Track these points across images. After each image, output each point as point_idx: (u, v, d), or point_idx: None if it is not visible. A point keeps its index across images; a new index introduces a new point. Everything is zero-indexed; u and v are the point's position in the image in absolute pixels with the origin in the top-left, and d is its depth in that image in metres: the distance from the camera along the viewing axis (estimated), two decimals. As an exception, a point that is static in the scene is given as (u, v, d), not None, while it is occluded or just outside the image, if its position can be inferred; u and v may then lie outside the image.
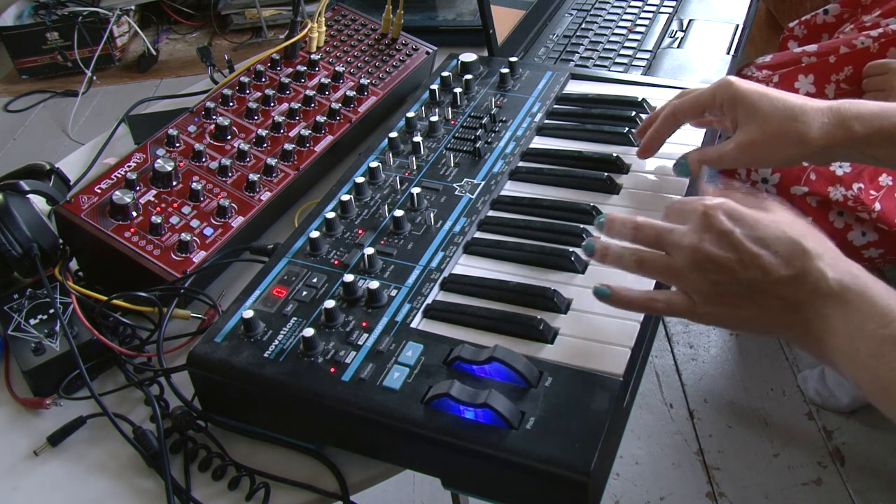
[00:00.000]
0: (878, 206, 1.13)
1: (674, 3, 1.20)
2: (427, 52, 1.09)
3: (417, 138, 0.85)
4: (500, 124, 0.89)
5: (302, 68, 0.99)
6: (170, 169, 0.81)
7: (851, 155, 0.72)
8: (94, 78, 3.00)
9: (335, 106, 0.94)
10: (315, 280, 0.69)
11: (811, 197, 1.16)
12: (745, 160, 0.73)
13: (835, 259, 0.55)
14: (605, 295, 0.61)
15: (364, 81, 0.99)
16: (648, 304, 0.60)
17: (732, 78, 0.73)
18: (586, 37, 1.12)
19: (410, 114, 0.89)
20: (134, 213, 0.78)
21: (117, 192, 0.78)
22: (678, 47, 1.09)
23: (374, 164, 0.81)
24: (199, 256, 0.76)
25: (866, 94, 1.16)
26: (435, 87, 0.94)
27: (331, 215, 0.75)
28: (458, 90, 0.93)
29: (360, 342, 0.63)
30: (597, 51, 1.08)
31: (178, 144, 0.86)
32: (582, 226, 0.74)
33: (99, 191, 0.79)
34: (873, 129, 0.68)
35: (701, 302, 0.58)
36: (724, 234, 0.56)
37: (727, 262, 0.56)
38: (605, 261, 0.62)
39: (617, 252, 0.61)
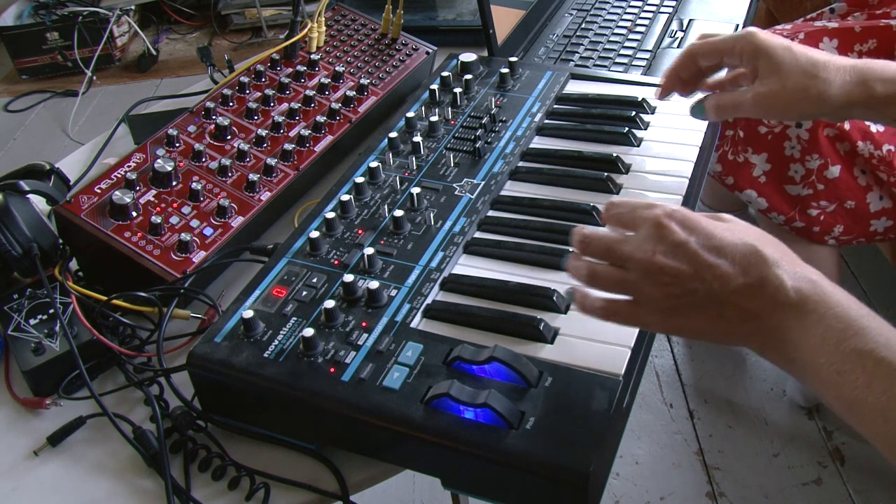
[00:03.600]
0: None
1: (674, 3, 1.20)
2: (427, 52, 1.09)
3: (417, 138, 0.85)
4: (500, 124, 0.89)
5: (302, 68, 0.99)
6: (170, 169, 0.81)
7: (868, 115, 0.72)
8: (94, 78, 3.00)
9: (335, 106, 0.94)
10: (315, 280, 0.69)
11: (841, 144, 1.16)
12: (762, 112, 0.72)
13: (792, 266, 0.53)
14: (570, 298, 0.61)
15: (364, 81, 0.99)
16: (606, 312, 0.58)
17: (755, 29, 0.72)
18: (586, 37, 1.12)
19: (410, 114, 0.89)
20: (134, 213, 0.78)
21: (117, 192, 0.78)
22: (678, 47, 1.09)
23: (374, 164, 0.81)
24: (198, 256, 0.76)
25: None
26: (435, 87, 0.94)
27: (331, 215, 0.75)
28: (458, 90, 0.93)
29: (359, 342, 0.63)
30: (597, 51, 1.08)
31: (178, 144, 0.86)
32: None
33: (99, 191, 0.79)
34: (893, 92, 0.68)
35: (657, 313, 0.56)
36: (678, 244, 0.54)
37: (682, 273, 0.54)
38: (569, 272, 0.60)
39: (573, 265, 0.60)
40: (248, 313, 0.64)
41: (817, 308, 0.52)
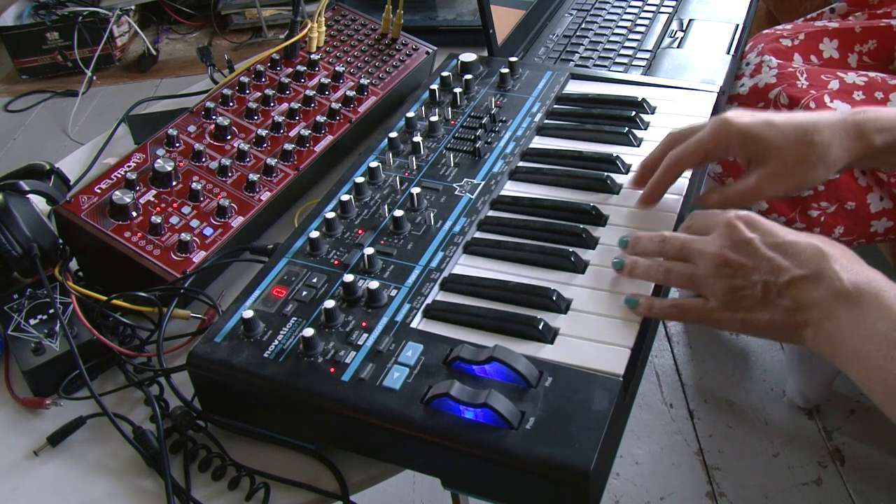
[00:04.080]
0: None
1: (674, 3, 1.20)
2: (427, 52, 1.09)
3: (417, 138, 0.85)
4: (500, 124, 0.89)
5: (302, 68, 0.99)
6: (170, 169, 0.81)
7: (869, 163, 0.74)
8: (94, 78, 3.00)
9: (335, 106, 0.94)
10: (315, 280, 0.69)
11: None
12: (771, 193, 0.72)
13: (851, 262, 0.57)
14: (634, 305, 0.64)
15: (364, 81, 0.99)
16: (678, 311, 0.64)
17: (728, 115, 0.71)
18: (586, 37, 1.12)
19: (410, 114, 0.89)
20: (134, 214, 0.78)
21: (117, 192, 0.78)
22: (678, 47, 1.09)
23: (374, 164, 0.81)
24: (198, 256, 0.76)
25: None
26: (435, 87, 0.94)
27: (331, 215, 0.75)
28: (458, 90, 0.93)
29: (359, 342, 0.63)
30: (597, 51, 1.08)
31: (178, 144, 0.86)
32: (582, 226, 0.74)
33: (99, 191, 0.79)
34: (892, 140, 0.69)
35: (720, 307, 0.60)
36: (743, 241, 0.60)
37: (744, 265, 0.59)
38: (633, 274, 0.66)
39: (645, 266, 0.66)
40: (248, 313, 0.64)
41: (872, 300, 0.54)
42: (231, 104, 0.93)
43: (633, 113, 0.89)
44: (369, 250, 0.70)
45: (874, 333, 0.53)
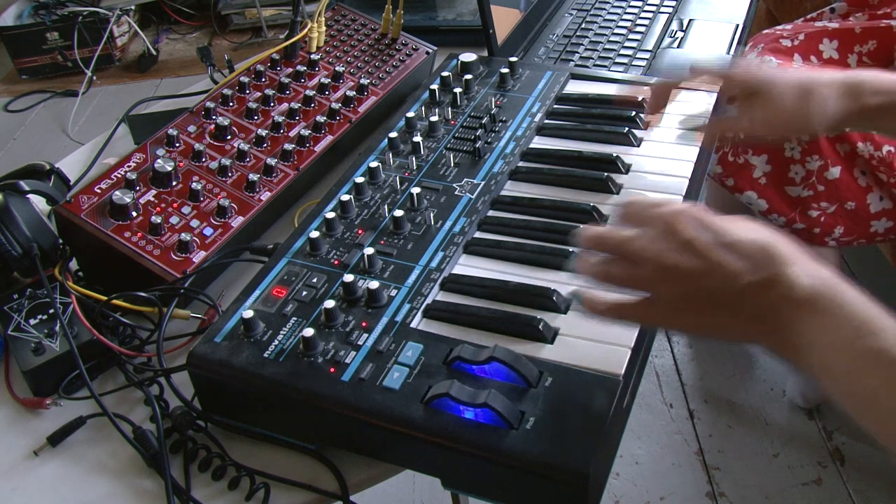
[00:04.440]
0: None
1: (674, 3, 1.20)
2: (427, 52, 1.09)
3: (417, 138, 0.85)
4: (500, 124, 0.89)
5: (302, 68, 0.99)
6: (170, 169, 0.81)
7: (862, 126, 0.74)
8: (94, 78, 3.00)
9: (335, 106, 0.94)
10: (315, 280, 0.69)
11: (841, 145, 1.16)
12: (761, 131, 0.74)
13: (806, 264, 0.53)
14: (579, 301, 0.60)
15: (364, 81, 0.99)
16: (615, 312, 0.58)
17: (749, 57, 0.75)
18: (586, 37, 1.12)
19: (410, 114, 0.89)
20: (134, 214, 0.78)
21: (117, 192, 0.78)
22: (678, 47, 1.09)
23: (374, 164, 0.81)
24: (198, 256, 0.76)
25: None
26: (435, 87, 0.94)
27: (331, 215, 0.75)
28: (458, 90, 0.93)
29: (359, 342, 0.63)
30: (597, 51, 1.08)
31: (178, 144, 0.86)
32: (582, 226, 0.74)
33: (99, 191, 0.79)
34: (886, 103, 0.70)
35: (668, 310, 0.56)
36: (689, 241, 0.54)
37: (692, 270, 0.54)
38: (580, 272, 0.60)
39: (586, 264, 0.59)
40: (248, 313, 0.64)
41: (831, 306, 0.51)
42: (231, 104, 0.93)
43: (633, 113, 0.89)
44: (369, 250, 0.70)
45: (836, 344, 0.51)
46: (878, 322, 0.50)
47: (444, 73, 0.96)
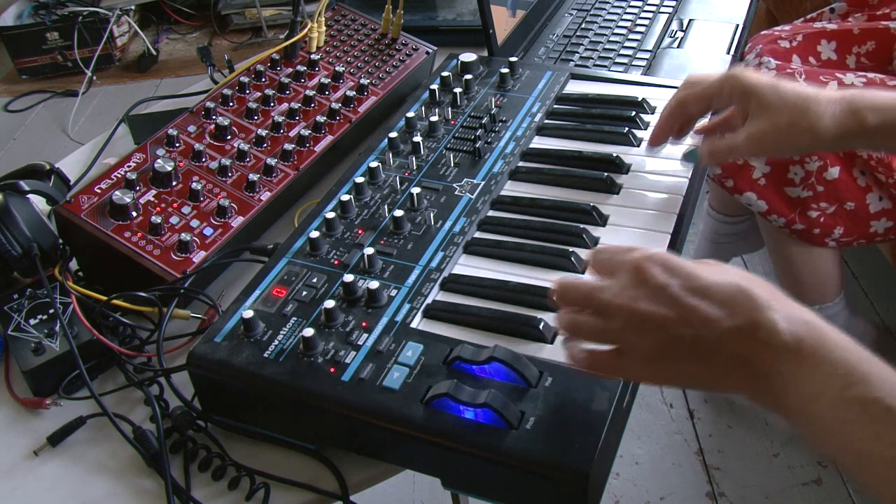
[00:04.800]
0: None
1: (674, 3, 1.20)
2: (427, 52, 1.09)
3: (417, 138, 0.85)
4: (500, 124, 0.89)
5: (302, 68, 0.99)
6: (170, 169, 0.81)
7: (861, 144, 0.72)
8: (94, 78, 3.00)
9: (335, 106, 0.94)
10: (315, 280, 0.69)
11: None
12: (756, 150, 0.73)
13: (784, 306, 0.50)
14: (564, 346, 0.58)
15: (364, 81, 0.99)
16: (588, 363, 0.55)
17: (740, 69, 0.73)
18: (586, 37, 1.12)
19: (410, 114, 0.89)
20: (134, 213, 0.78)
21: (117, 192, 0.78)
22: (678, 47, 1.09)
23: (374, 164, 0.81)
24: (198, 256, 0.76)
25: None
26: (435, 87, 0.94)
27: (331, 215, 0.75)
28: (458, 90, 0.93)
29: (359, 342, 0.63)
30: (597, 51, 1.08)
31: (178, 144, 0.86)
32: (582, 226, 0.74)
33: (99, 191, 0.79)
34: (885, 121, 0.69)
35: (643, 363, 0.53)
36: (659, 288, 0.51)
37: (666, 318, 0.50)
38: (557, 327, 0.59)
39: (559, 318, 0.57)
40: (248, 313, 0.64)
41: (815, 352, 0.48)
42: (231, 104, 0.93)
43: (633, 113, 0.89)
44: (369, 250, 0.70)
45: (824, 393, 0.47)
46: (865, 367, 0.48)
47: (444, 73, 0.97)
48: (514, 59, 0.98)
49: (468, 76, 0.95)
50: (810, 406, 0.48)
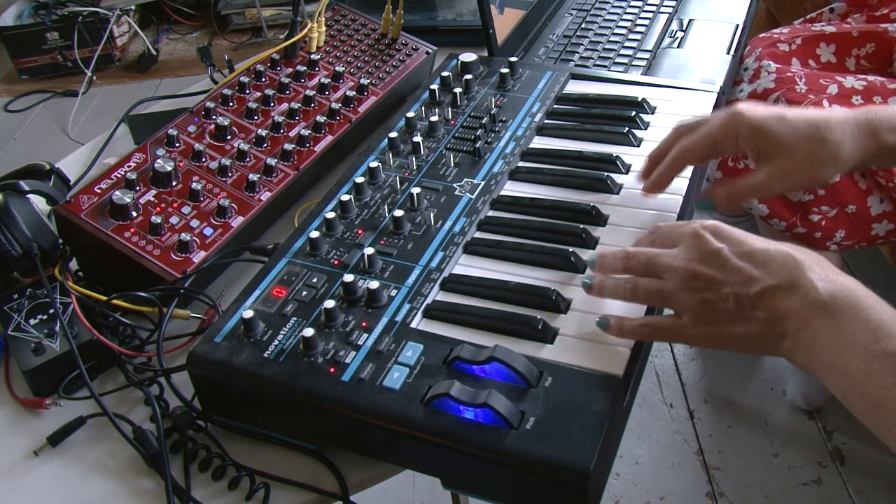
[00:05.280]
0: None
1: (674, 3, 1.20)
2: (427, 52, 1.09)
3: (417, 138, 0.85)
4: (500, 124, 0.89)
5: (302, 68, 0.99)
6: (170, 169, 0.81)
7: (881, 162, 0.71)
8: (94, 78, 3.00)
9: (335, 106, 0.94)
10: (315, 280, 0.69)
11: None
12: (780, 188, 0.70)
13: (825, 270, 0.55)
14: (604, 326, 0.62)
15: (364, 81, 0.99)
16: (649, 330, 0.61)
17: (740, 107, 0.70)
18: (586, 37, 1.12)
19: (410, 114, 0.89)
20: (134, 213, 0.78)
21: (117, 192, 0.78)
22: (678, 47, 1.09)
23: (374, 164, 0.81)
24: (198, 256, 0.76)
25: None
26: (435, 87, 0.94)
27: (331, 215, 0.75)
28: (458, 90, 0.93)
29: (359, 342, 0.63)
30: (597, 51, 1.08)
31: (178, 144, 0.86)
32: (582, 226, 0.74)
33: (99, 191, 0.79)
34: None
35: (693, 322, 0.58)
36: (711, 252, 0.57)
37: (714, 278, 0.56)
38: (602, 294, 0.64)
39: (612, 284, 0.63)
40: (248, 313, 0.64)
41: (849, 310, 0.52)
42: (231, 104, 0.93)
43: (633, 113, 0.89)
44: (369, 250, 0.70)
45: (853, 346, 0.51)
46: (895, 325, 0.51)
47: (444, 73, 0.97)
48: (514, 59, 0.98)
49: (468, 76, 0.95)
50: (839, 357, 0.52)
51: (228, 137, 0.89)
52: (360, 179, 0.79)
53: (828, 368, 0.53)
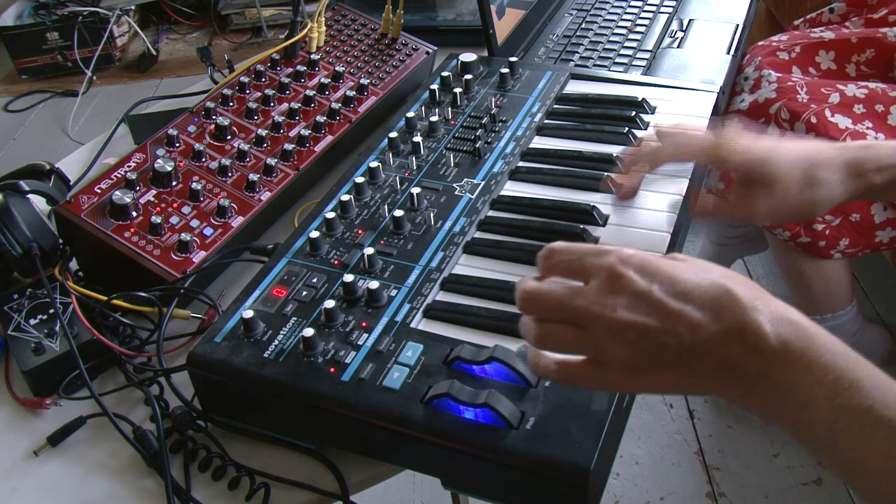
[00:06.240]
0: None
1: (674, 3, 1.20)
2: (427, 52, 1.09)
3: (417, 138, 0.85)
4: (500, 124, 0.89)
5: (302, 68, 0.99)
6: (170, 169, 0.81)
7: (869, 198, 0.73)
8: (94, 78, 3.00)
9: (335, 106, 0.94)
10: (315, 280, 0.69)
11: None
12: (769, 217, 0.71)
13: (769, 306, 0.48)
14: (523, 358, 0.56)
15: (364, 81, 0.99)
16: (561, 376, 0.52)
17: (725, 140, 0.70)
18: (586, 37, 1.12)
19: (410, 114, 0.89)
20: (134, 213, 0.78)
21: (117, 192, 0.78)
22: (678, 47, 1.09)
23: (374, 164, 0.81)
24: (198, 256, 0.76)
25: None
26: (435, 87, 0.94)
27: (331, 215, 0.75)
28: (458, 90, 0.93)
29: (359, 342, 0.63)
30: (597, 51, 1.08)
31: (177, 144, 0.86)
32: (582, 226, 0.74)
33: (99, 191, 0.79)
34: (891, 179, 0.69)
35: (622, 372, 0.49)
36: (639, 294, 0.48)
37: (649, 327, 0.47)
38: (523, 337, 0.53)
39: (526, 327, 0.52)
40: (248, 313, 0.64)
41: (802, 356, 0.46)
42: (231, 104, 0.93)
43: (633, 113, 0.89)
44: (369, 250, 0.70)
45: (813, 400, 0.45)
46: (856, 372, 0.46)
47: (444, 73, 0.97)
48: (514, 59, 0.98)
49: (468, 76, 0.95)
50: (799, 412, 0.46)
51: (228, 137, 0.89)
52: (360, 179, 0.79)
53: (787, 421, 0.48)
